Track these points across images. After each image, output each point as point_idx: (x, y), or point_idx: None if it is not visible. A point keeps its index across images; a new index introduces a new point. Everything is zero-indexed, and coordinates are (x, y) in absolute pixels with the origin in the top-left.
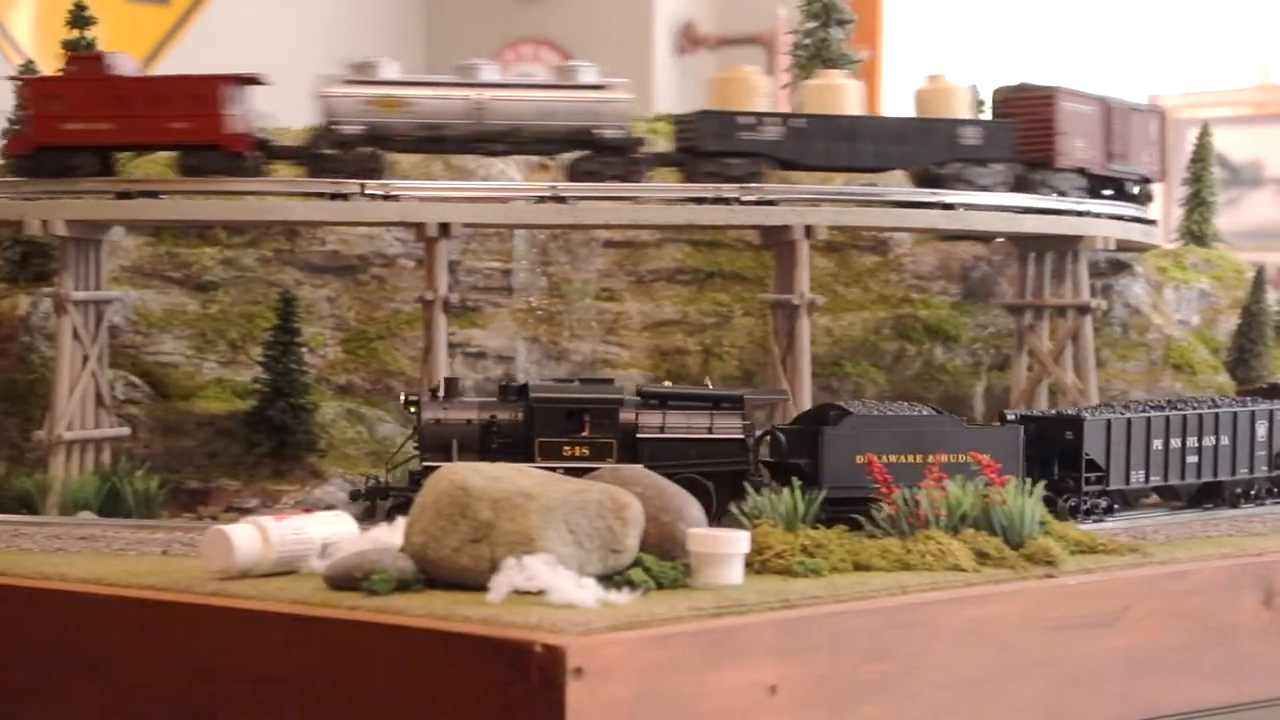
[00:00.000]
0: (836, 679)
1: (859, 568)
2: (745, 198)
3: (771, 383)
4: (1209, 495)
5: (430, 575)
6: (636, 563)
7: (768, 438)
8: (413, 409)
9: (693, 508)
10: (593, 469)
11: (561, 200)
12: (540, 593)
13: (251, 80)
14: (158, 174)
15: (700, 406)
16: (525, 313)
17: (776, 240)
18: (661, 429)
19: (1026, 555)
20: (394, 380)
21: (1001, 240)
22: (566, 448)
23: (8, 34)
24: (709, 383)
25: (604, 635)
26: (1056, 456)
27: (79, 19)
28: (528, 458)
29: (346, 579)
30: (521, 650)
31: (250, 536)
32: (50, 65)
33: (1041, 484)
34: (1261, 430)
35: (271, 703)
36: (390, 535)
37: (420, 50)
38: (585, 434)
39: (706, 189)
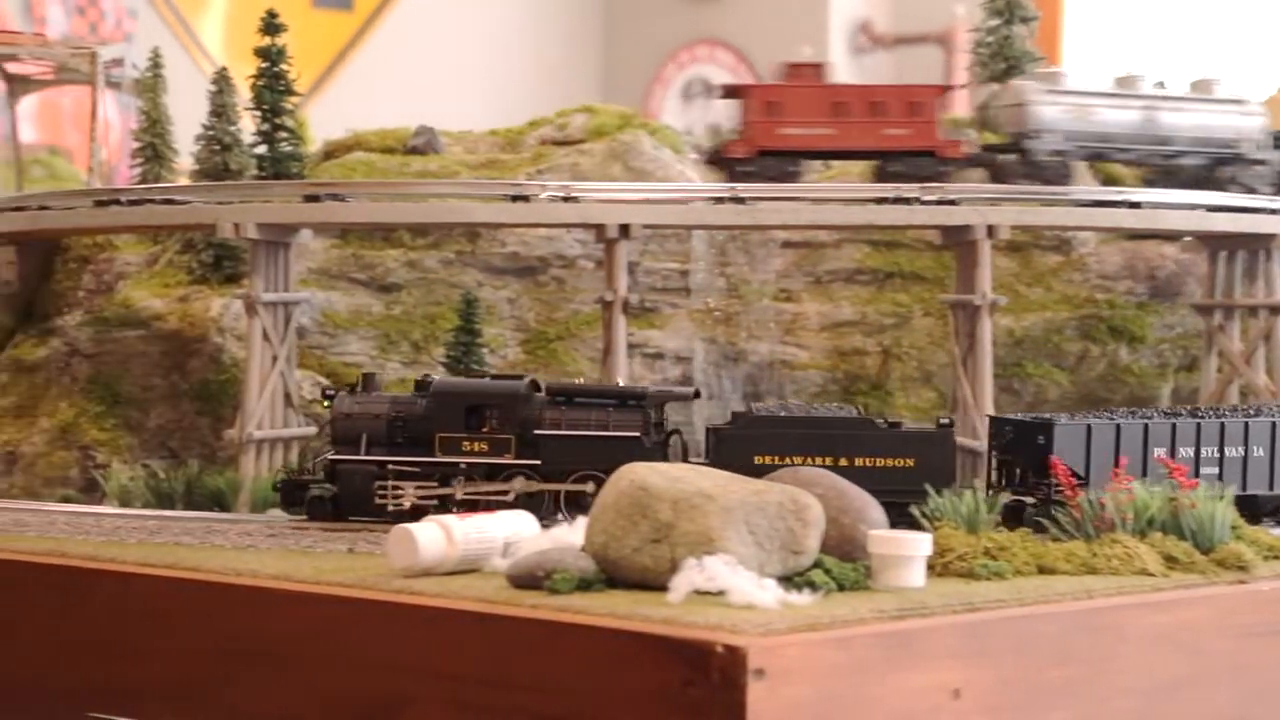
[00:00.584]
0: (1021, 683)
1: (1043, 571)
2: (926, 197)
3: (951, 384)
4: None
5: (611, 575)
6: (817, 564)
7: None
8: (327, 404)
9: (873, 509)
10: (491, 464)
11: (740, 201)
12: (720, 593)
13: (948, 90)
14: (342, 177)
15: (604, 404)
16: (703, 313)
17: (958, 240)
18: (559, 426)
19: (1217, 560)
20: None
21: (1190, 239)
22: (466, 443)
23: (199, 42)
24: (620, 380)
25: (785, 636)
26: (1030, 461)
27: (270, 26)
28: (430, 452)
29: (529, 578)
30: (703, 650)
31: (434, 535)
32: (241, 73)
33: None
34: None
35: (454, 699)
36: (572, 535)
37: (597, 51)
38: (485, 430)
39: (886, 188)
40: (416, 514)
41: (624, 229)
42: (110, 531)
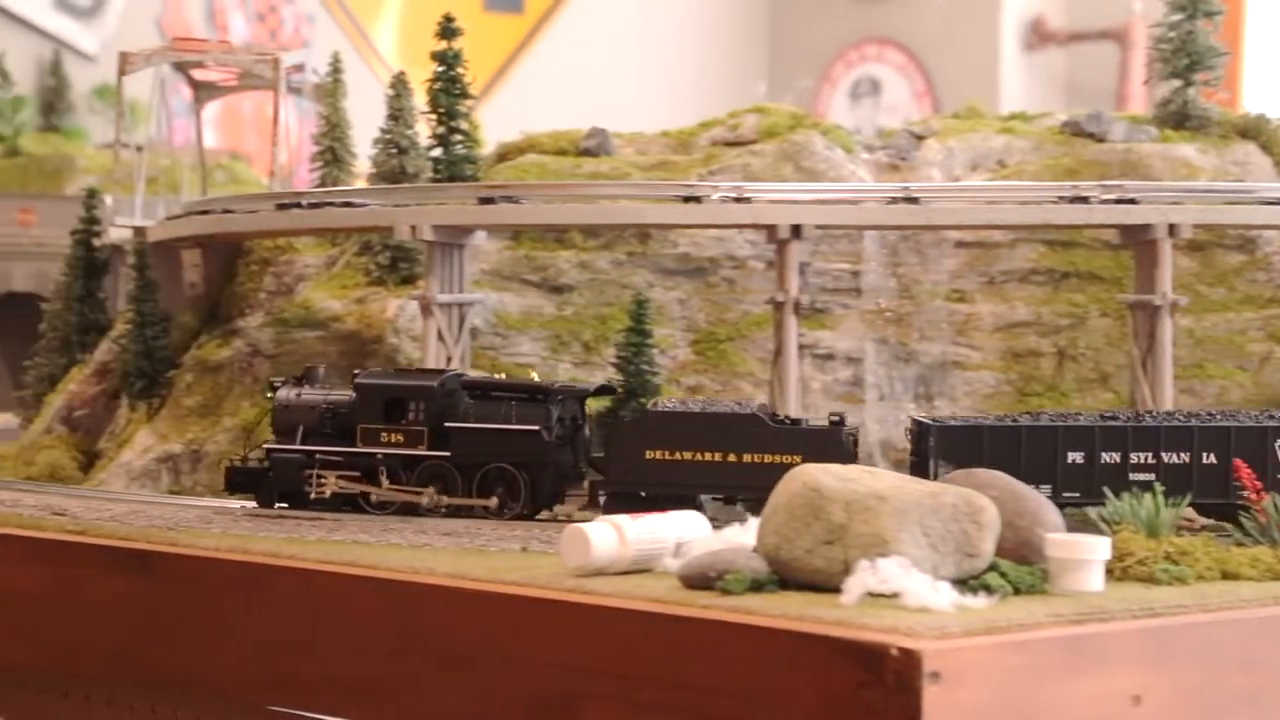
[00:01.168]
0: (1204, 690)
1: (1226, 576)
2: (1104, 196)
3: (1130, 386)
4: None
5: (783, 576)
6: (992, 567)
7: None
8: (270, 396)
9: (1050, 512)
10: (405, 455)
11: (914, 201)
12: (894, 595)
13: None
14: (516, 179)
15: (512, 399)
16: (874, 314)
17: (1137, 239)
18: (468, 419)
19: None
20: (743, 382)
21: None
22: (384, 434)
23: (373, 47)
24: (533, 375)
25: (960, 640)
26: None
27: (447, 30)
28: (354, 443)
29: (701, 578)
30: (877, 653)
31: (607, 535)
32: (418, 77)
33: None
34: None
35: (627, 698)
36: (744, 535)
37: (765, 51)
38: (403, 422)
39: (1064, 187)
40: (339, 503)
41: (796, 229)
42: (291, 529)
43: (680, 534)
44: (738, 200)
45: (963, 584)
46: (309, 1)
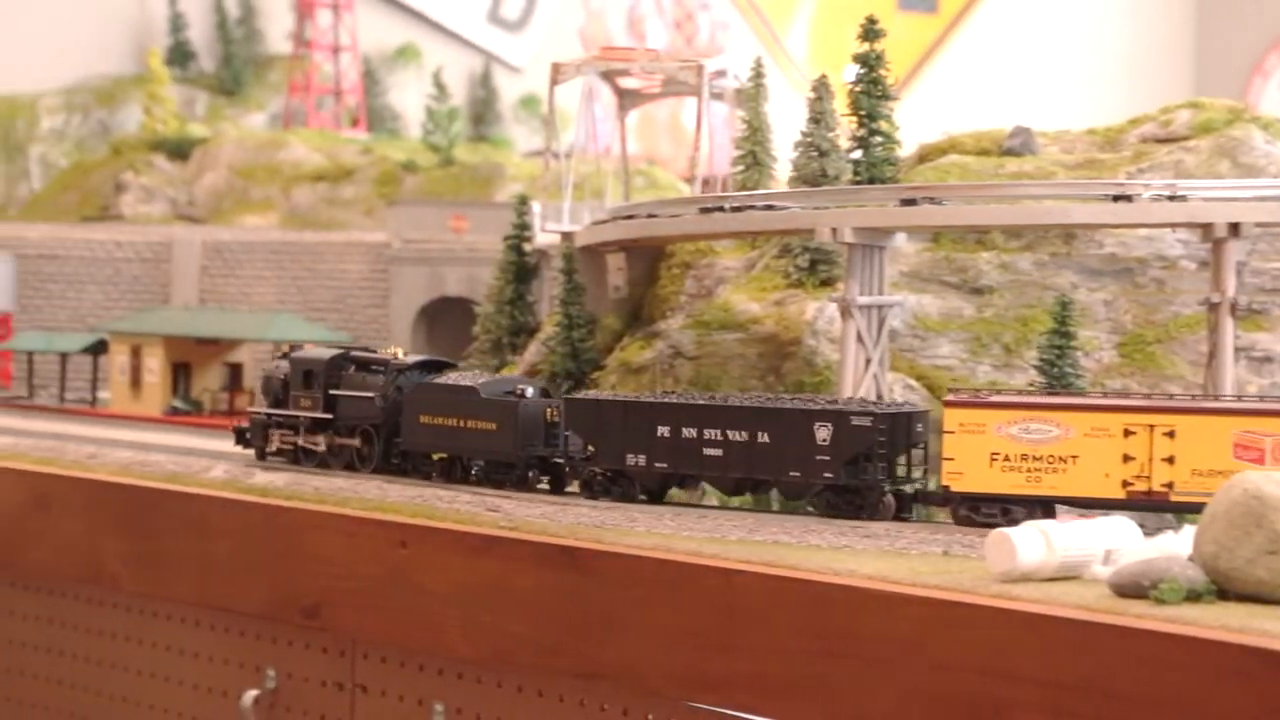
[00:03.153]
0: None
1: None
2: None
3: None
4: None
5: (1221, 586)
6: None
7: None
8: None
9: None
10: (310, 418)
11: None
12: None
13: None
14: (936, 180)
15: (370, 372)
16: None
17: None
18: (339, 387)
19: None
20: (1172, 385)
21: None
22: (302, 400)
23: (786, 51)
24: (398, 351)
25: None
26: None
27: (870, 32)
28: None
29: (1133, 587)
30: None
31: (1034, 540)
32: (836, 79)
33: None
34: (823, 434)
35: (1054, 707)
36: (1178, 543)
37: (1191, 44)
38: (310, 390)
39: None
40: (294, 455)
41: (1234, 228)
42: (712, 529)
43: (1109, 541)
44: (1171, 198)
45: None
46: (723, 8)
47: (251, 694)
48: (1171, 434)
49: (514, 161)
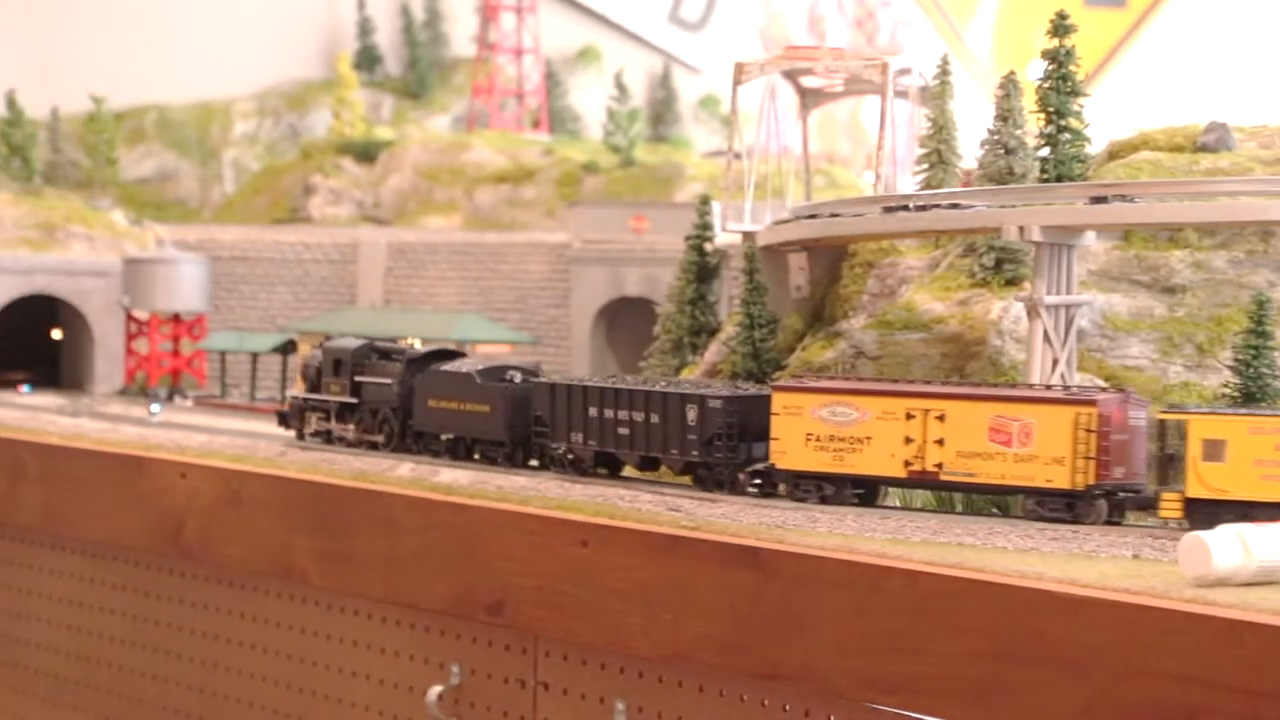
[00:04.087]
0: None
1: None
2: None
3: None
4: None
5: None
6: None
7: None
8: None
9: None
10: (340, 402)
11: None
12: None
13: None
14: (1128, 177)
15: (390, 361)
16: None
17: None
18: (363, 374)
19: None
20: None
21: None
22: (332, 386)
23: (968, 47)
24: (414, 342)
25: None
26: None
27: (1060, 28)
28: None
29: None
30: None
31: (1229, 545)
32: (1021, 75)
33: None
34: (691, 415)
35: (1253, 715)
36: None
37: None
38: (339, 376)
39: None
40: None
41: None
42: (895, 530)
43: None
44: None
45: None
46: (904, 5)
47: (436, 689)
48: (942, 418)
49: (693, 161)
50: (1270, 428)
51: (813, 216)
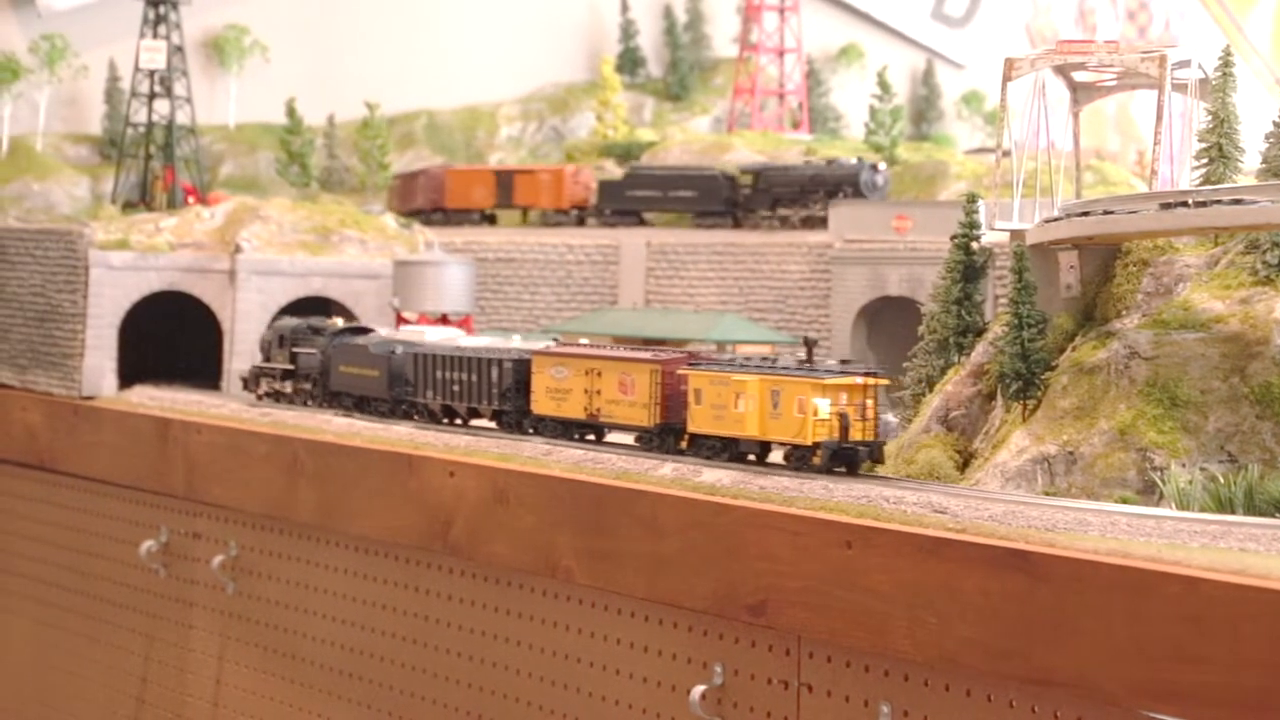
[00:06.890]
0: None
1: None
2: None
3: None
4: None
5: None
6: None
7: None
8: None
9: None
10: (282, 369)
11: None
12: None
13: None
14: None
15: (317, 334)
16: None
17: None
18: (297, 346)
19: None
20: None
21: None
22: (276, 356)
23: (1247, 39)
24: (338, 321)
25: None
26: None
27: None
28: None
29: None
30: None
31: None
32: None
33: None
34: (494, 374)
35: None
36: None
37: None
38: (282, 348)
39: None
40: (273, 396)
41: None
42: (1171, 534)
43: None
44: None
45: None
46: None
47: (700, 689)
48: (600, 374)
49: (956, 159)
50: None
51: (1085, 214)
